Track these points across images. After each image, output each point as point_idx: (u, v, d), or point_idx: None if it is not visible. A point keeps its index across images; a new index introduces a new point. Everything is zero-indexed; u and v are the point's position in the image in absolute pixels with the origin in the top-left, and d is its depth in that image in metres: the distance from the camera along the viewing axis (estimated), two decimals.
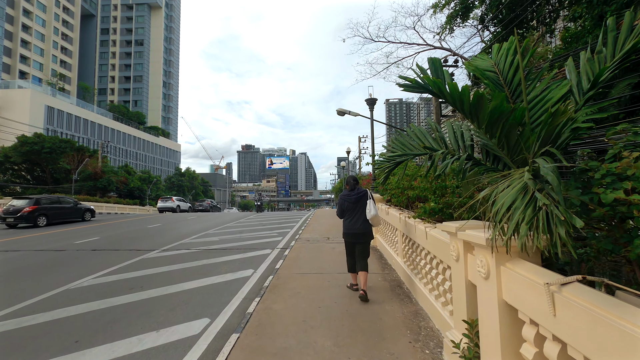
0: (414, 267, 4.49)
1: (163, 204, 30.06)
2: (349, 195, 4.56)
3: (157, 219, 18.10)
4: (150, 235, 11.17)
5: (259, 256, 7.37)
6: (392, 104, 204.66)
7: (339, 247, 7.72)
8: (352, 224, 4.48)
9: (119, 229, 13.24)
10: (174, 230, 12.33)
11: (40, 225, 15.43)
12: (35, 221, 15.34)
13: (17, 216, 15.10)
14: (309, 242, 8.58)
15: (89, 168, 36.77)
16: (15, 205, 15.61)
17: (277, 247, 8.46)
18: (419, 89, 2.38)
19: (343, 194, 4.68)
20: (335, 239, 8.92)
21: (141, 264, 6.90)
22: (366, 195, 4.52)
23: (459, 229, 2.44)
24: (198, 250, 8.29)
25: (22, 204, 15.64)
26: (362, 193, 4.52)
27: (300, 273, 5.48)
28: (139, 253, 8.01)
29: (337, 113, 12.79)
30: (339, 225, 12.20)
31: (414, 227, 4.08)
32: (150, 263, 6.94)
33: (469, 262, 2.47)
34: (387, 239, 6.70)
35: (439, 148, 2.74)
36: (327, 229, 11.38)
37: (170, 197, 31.67)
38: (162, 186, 52.84)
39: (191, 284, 5.35)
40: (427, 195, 4.17)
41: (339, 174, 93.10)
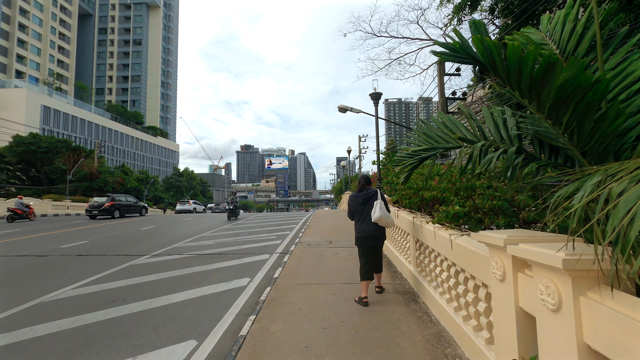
0: (431, 279, 3.94)
1: (181, 206, 33.41)
2: (357, 197, 4.35)
3: (151, 221, 17.53)
4: (142, 239, 10.61)
5: (256, 262, 6.82)
6: (391, 104, 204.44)
7: (342, 252, 7.17)
8: (363, 226, 4.25)
9: (111, 232, 12.66)
10: (167, 234, 11.77)
11: (115, 217, 20.05)
12: (112, 214, 20.13)
13: (100, 209, 19.73)
14: (309, 246, 8.02)
15: (84, 168, 36.15)
16: (98, 202, 20.22)
17: (275, 251, 7.91)
18: (462, 57, 1.83)
19: (352, 195, 4.49)
20: (338, 243, 8.37)
21: (128, 271, 6.35)
22: (375, 195, 4.25)
23: (509, 242, 1.89)
24: (191, 255, 7.73)
25: (103, 200, 20.31)
26: (371, 193, 4.28)
27: (302, 283, 4.93)
28: (127, 259, 7.45)
29: (339, 110, 12.25)
30: (341, 227, 11.63)
31: (433, 234, 3.53)
32: (137, 270, 6.38)
33: (520, 284, 1.92)
34: (396, 243, 6.16)
35: (477, 139, 2.19)
36: (328, 231, 10.83)
37: (187, 201, 35.52)
38: (159, 187, 52.21)
39: (180, 296, 4.80)
40: (447, 196, 3.63)
41: (339, 174, 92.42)
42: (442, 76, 11.79)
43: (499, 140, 2.13)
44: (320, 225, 12.34)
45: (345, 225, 12.29)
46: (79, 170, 35.95)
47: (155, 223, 16.11)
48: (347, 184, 30.62)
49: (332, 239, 9.06)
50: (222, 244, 9.25)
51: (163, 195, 49.26)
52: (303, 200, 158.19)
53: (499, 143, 2.10)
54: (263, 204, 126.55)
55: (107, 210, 19.86)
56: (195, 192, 63.28)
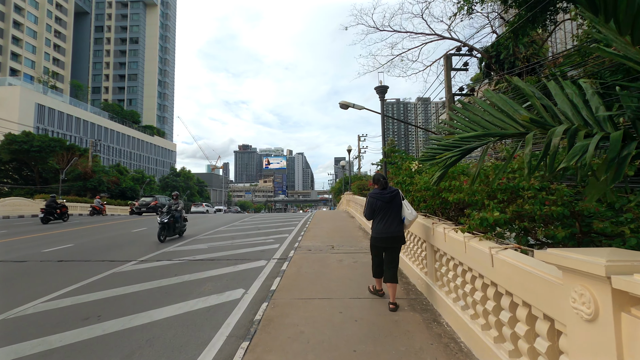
0: (457, 297, 3.36)
1: (196, 208, 38.10)
2: (382, 194, 4.08)
3: (144, 222, 16.88)
4: (131, 242, 9.97)
5: (251, 270, 6.21)
6: (389, 104, 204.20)
7: (346, 259, 6.57)
8: (385, 226, 4.01)
9: (100, 234, 12.01)
10: None
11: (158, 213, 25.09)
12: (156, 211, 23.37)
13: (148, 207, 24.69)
14: (310, 251, 7.42)
15: (78, 167, 35.39)
16: (145, 201, 25.91)
17: (273, 257, 7.30)
18: None
19: (374, 193, 4.17)
20: (341, 248, 7.76)
21: (110, 280, 5.73)
22: (399, 194, 4.12)
23: (615, 270, 1.30)
24: (181, 261, 7.12)
25: (149, 200, 25.98)
26: (395, 192, 4.11)
27: (303, 298, 4.33)
28: (112, 265, 6.83)
29: (340, 106, 11.67)
30: (342, 230, 11.03)
31: (463, 244, 2.94)
32: (120, 279, 5.76)
33: (626, 329, 1.33)
34: (407, 250, 5.58)
35: (552, 123, 1.59)
36: (329, 234, 10.23)
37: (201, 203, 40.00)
38: (155, 186, 51.45)
39: (163, 312, 4.19)
40: (478, 200, 3.03)
41: (337, 174, 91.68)
42: (449, 71, 11.22)
43: (582, 124, 1.54)
44: (321, 228, 11.74)
45: (347, 228, 11.69)
46: (72, 169, 35.19)
47: (149, 225, 15.47)
48: (346, 184, 30.01)
49: (334, 243, 8.45)
50: (216, 248, 8.64)
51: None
52: (301, 200, 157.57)
53: (584, 128, 1.51)
54: (261, 204, 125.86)
55: (152, 208, 25.26)
56: (192, 192, 62.53)
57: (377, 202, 4.08)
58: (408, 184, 4.96)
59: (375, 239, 4.10)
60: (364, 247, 7.76)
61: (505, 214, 2.55)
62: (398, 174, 5.29)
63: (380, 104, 7.68)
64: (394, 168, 5.62)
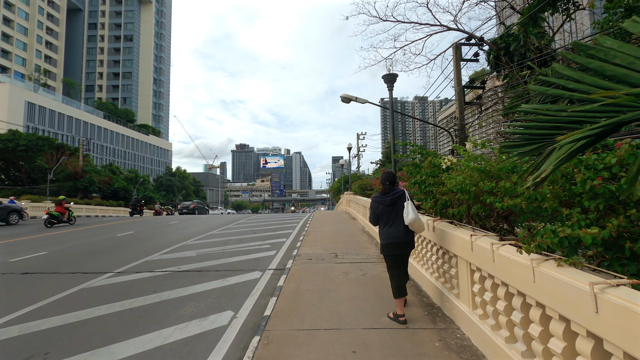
0: (511, 336, 2.52)
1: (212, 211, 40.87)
2: (384, 198, 3.87)
3: (132, 225, 15.95)
4: (112, 249, 9.07)
5: (243, 284, 5.35)
6: (387, 103, 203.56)
7: (354, 271, 5.72)
8: (392, 231, 3.77)
9: (82, 239, 11.09)
10: (144, 241, 10.23)
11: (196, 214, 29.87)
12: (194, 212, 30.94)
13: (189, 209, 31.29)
14: (310, 261, 6.56)
15: (69, 167, 34.30)
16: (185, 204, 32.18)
17: (269, 267, 6.44)
18: None
19: (376, 197, 4.00)
20: (346, 257, 6.91)
21: (75, 299, 4.85)
22: (403, 196, 3.82)
23: None
24: (164, 273, 6.24)
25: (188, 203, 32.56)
26: (398, 194, 3.84)
27: (304, 329, 3.47)
28: (83, 278, 5.94)
29: (342, 100, 10.80)
30: (345, 234, 10.18)
31: (530, 270, 2.10)
32: (88, 298, 4.88)
33: None
34: (423, 260, 4.74)
35: None
36: (331, 239, 9.38)
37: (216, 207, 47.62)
38: (150, 186, 50.37)
39: (128, 346, 3.33)
40: (549, 207, 2.19)
41: (335, 173, 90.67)
42: (459, 61, 10.40)
43: None
44: (321, 232, 10.89)
45: (350, 231, 10.86)
46: (62, 169, 34.11)
47: (137, 227, 14.55)
48: (346, 184, 29.15)
49: (337, 250, 7.60)
50: (206, 255, 7.76)
51: (154, 196, 47.46)
52: (299, 199, 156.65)
53: None
54: (258, 203, 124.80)
55: (192, 209, 31.82)
56: (187, 192, 61.47)
57: (379, 207, 3.89)
58: (429, 185, 4.11)
59: (385, 247, 3.82)
60: (371, 255, 6.92)
61: (603, 229, 1.72)
62: (416, 173, 4.44)
63: (389, 93, 6.83)
64: (409, 167, 4.76)
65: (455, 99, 10.34)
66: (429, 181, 4.09)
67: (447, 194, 3.65)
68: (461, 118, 10.01)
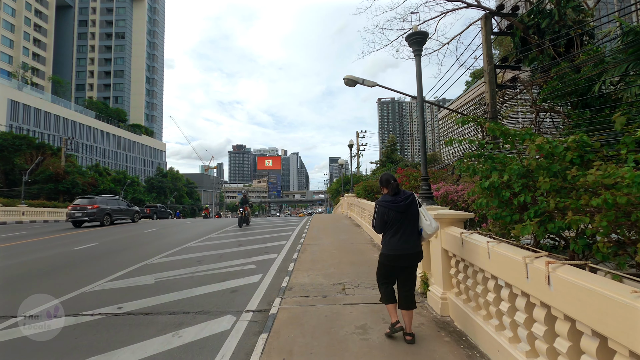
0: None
1: None
2: (396, 202, 3.20)
3: (98, 235, 13.90)
4: (52, 271, 7.04)
5: (201, 347, 3.38)
6: (384, 103, 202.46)
7: (374, 325, 3.69)
8: (401, 242, 3.17)
9: (25, 255, 9.04)
10: (98, 260, 8.18)
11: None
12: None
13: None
14: (307, 300, 4.57)
15: (50, 168, 32.10)
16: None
17: (246, 308, 4.47)
18: None
19: (384, 200, 3.27)
20: (357, 290, 4.92)
21: None
22: (415, 201, 3.25)
23: None
24: (93, 318, 4.27)
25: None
26: (410, 198, 3.22)
27: None
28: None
29: (346, 83, 8.84)
30: (352, 249, 8.19)
31: None
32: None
33: None
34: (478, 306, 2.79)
35: None
36: (334, 258, 7.41)
37: None
38: (140, 188, 48.16)
39: None
40: None
41: (333, 174, 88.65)
42: (489, 35, 8.49)
43: None
44: (320, 246, 8.91)
45: (356, 245, 8.90)
46: (43, 170, 31.92)
47: (102, 239, 12.51)
48: (346, 185, 27.17)
49: (343, 277, 5.61)
50: (166, 284, 5.77)
51: (144, 198, 45.28)
52: (296, 200, 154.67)
53: None
54: (255, 205, 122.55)
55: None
56: (180, 194, 59.27)
57: (389, 213, 3.23)
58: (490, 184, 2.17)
59: (388, 257, 3.26)
60: None
61: None
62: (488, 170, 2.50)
63: (416, 61, 4.89)
64: (472, 163, 2.82)
65: (485, 80, 8.42)
66: (544, 184, 2.12)
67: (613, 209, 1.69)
68: (493, 104, 8.09)
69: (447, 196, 5.00)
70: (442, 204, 4.98)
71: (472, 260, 3.01)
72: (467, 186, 4.90)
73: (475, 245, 2.91)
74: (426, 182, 4.72)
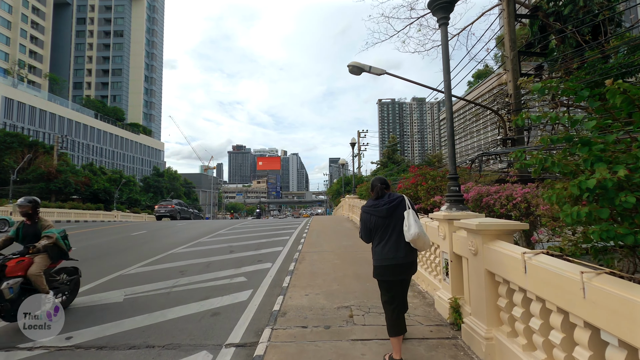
0: None
1: None
2: (377, 206, 2.97)
3: (77, 239, 12.93)
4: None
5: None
6: (384, 104, 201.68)
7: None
8: (389, 250, 2.87)
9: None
10: None
11: None
12: None
13: None
14: (305, 330, 3.61)
15: (41, 167, 31.14)
16: None
17: (227, 342, 3.51)
18: None
19: (366, 205, 3.09)
20: (367, 318, 3.92)
21: None
22: (402, 203, 2.94)
23: None
24: (33, 354, 3.30)
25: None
26: (395, 201, 2.94)
27: None
28: None
29: (350, 70, 7.84)
30: (355, 259, 7.21)
31: None
32: None
33: None
34: None
35: None
36: (336, 270, 6.46)
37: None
38: (136, 188, 47.13)
39: None
40: None
41: (332, 175, 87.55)
42: (512, 18, 7.55)
43: None
44: (321, 254, 7.94)
45: (362, 254, 7.94)
46: (34, 169, 30.95)
47: (81, 243, 11.55)
48: (347, 185, 26.16)
49: (349, 298, 4.63)
50: (136, 302, 4.81)
51: (140, 198, 44.29)
52: (295, 201, 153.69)
53: None
54: (254, 205, 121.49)
55: None
56: (178, 194, 58.25)
57: (371, 218, 2.98)
58: None
59: (379, 270, 2.93)
60: (413, 313, 3.98)
61: None
62: (635, 152, 1.54)
63: (442, 32, 3.94)
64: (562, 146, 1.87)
65: (508, 68, 7.47)
66: None
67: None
68: (517, 95, 7.14)
69: (481, 199, 4.05)
70: (474, 210, 4.03)
71: (547, 296, 2.05)
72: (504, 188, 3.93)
73: (554, 275, 1.96)
74: (455, 182, 3.76)
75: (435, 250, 4.46)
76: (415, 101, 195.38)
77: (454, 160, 3.86)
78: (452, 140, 3.86)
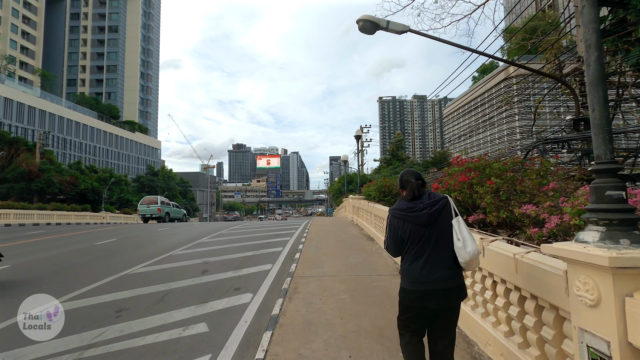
0: None
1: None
2: (414, 210, 2.11)
3: (48, 247, 10.85)
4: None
5: None
6: (385, 102, 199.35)
7: None
8: (430, 269, 2.05)
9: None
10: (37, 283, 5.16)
11: None
12: None
13: None
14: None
15: (22, 165, 29.10)
16: None
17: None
18: None
19: (397, 208, 2.20)
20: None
21: None
22: (448, 206, 2.11)
23: None
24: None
25: None
26: (439, 204, 2.10)
27: None
28: None
29: (360, 28, 5.65)
30: (369, 286, 5.04)
31: None
32: None
33: None
34: None
35: None
36: (348, 315, 4.39)
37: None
38: (127, 187, 45.05)
39: None
40: None
41: (333, 173, 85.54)
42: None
43: None
44: (321, 281, 5.84)
45: (380, 281, 5.85)
46: (14, 167, 28.92)
47: (33, 254, 9.47)
48: (349, 184, 24.04)
49: (360, 337, 2.59)
50: (104, 338, 2.72)
51: (131, 198, 42.26)
52: (295, 200, 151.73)
53: None
54: (253, 204, 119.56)
55: None
56: (173, 194, 56.21)
57: (405, 226, 2.11)
58: None
59: (409, 295, 2.09)
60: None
61: None
62: None
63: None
64: None
65: (579, 23, 5.36)
66: None
67: None
68: (599, 58, 4.99)
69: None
70: None
71: None
72: None
73: None
74: (614, 179, 1.71)
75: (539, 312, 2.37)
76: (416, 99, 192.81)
77: (611, 138, 1.77)
78: (601, 77, 1.76)
